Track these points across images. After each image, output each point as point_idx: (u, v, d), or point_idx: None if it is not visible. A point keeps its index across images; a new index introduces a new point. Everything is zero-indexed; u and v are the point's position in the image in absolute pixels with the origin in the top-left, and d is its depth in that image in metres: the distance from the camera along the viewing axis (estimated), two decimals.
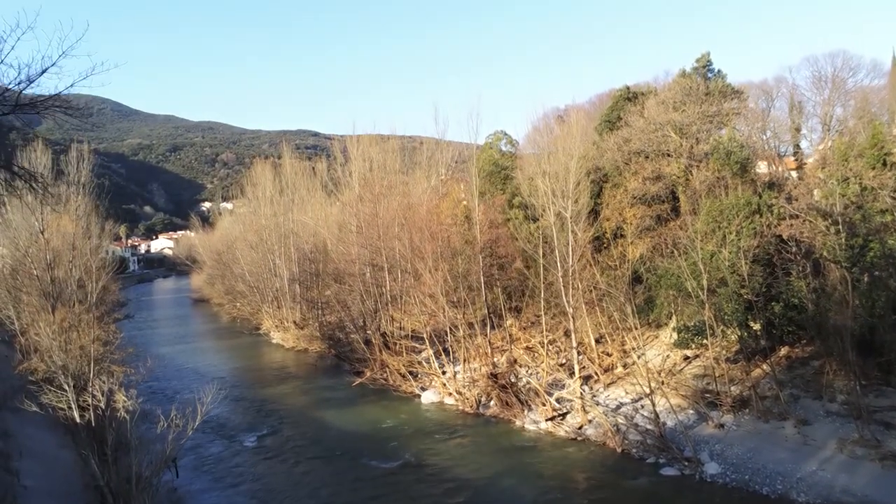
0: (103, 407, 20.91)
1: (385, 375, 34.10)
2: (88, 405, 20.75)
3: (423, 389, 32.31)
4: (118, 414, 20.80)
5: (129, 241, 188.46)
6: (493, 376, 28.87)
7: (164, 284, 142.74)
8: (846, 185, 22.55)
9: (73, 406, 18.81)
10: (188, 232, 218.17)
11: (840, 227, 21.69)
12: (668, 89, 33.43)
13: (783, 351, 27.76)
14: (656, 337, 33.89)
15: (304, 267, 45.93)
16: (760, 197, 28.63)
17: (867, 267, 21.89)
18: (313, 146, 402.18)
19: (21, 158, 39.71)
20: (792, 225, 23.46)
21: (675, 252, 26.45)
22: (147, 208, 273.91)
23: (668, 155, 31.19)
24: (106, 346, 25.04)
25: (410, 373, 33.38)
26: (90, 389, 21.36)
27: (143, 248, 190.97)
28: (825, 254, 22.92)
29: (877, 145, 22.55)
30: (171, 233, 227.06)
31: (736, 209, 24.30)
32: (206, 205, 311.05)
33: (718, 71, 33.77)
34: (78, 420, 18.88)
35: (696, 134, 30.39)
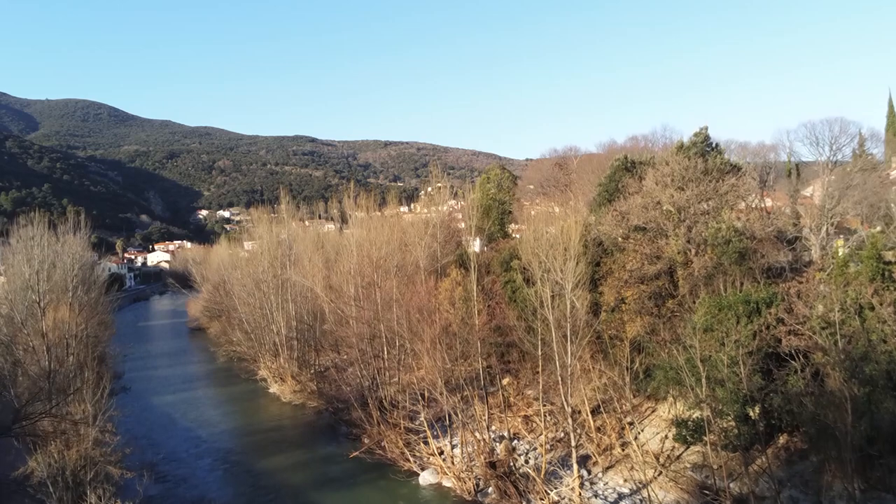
0: None
1: (383, 446, 33.98)
2: None
3: (423, 468, 32.20)
4: None
5: (125, 255, 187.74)
6: (492, 465, 28.80)
7: (161, 305, 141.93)
8: (846, 294, 22.55)
9: None
10: (185, 243, 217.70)
11: (838, 342, 21.68)
12: (664, 163, 33.30)
13: (782, 440, 27.74)
14: (654, 410, 33.82)
15: (302, 327, 45.79)
16: (759, 283, 28.64)
17: (866, 380, 21.87)
18: (310, 152, 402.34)
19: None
20: (789, 332, 23.46)
21: (674, 347, 26.38)
22: (144, 217, 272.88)
23: (666, 234, 31.14)
24: (103, 448, 24.95)
25: (409, 448, 33.23)
26: None
27: (139, 261, 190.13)
28: (825, 362, 22.92)
29: (875, 255, 22.54)
30: (167, 242, 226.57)
31: (735, 313, 24.25)
32: (203, 213, 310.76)
33: (716, 145, 33.78)
34: None
35: (693, 216, 30.34)
